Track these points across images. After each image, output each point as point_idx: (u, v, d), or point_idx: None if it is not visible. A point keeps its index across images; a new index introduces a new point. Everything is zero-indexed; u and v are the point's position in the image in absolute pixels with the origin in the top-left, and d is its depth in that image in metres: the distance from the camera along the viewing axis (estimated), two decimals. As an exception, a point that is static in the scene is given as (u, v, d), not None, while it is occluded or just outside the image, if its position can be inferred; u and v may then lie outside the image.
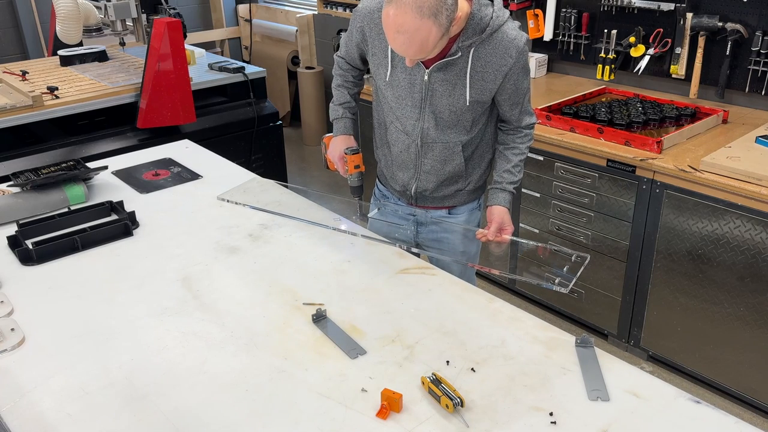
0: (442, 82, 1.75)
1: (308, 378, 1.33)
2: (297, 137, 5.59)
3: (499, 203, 1.91)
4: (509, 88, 1.79)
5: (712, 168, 2.30)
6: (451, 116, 1.81)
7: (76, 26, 3.36)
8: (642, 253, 2.61)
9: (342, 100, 2.03)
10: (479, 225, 2.08)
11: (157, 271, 1.72)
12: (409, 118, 1.85)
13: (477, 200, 2.06)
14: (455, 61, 1.72)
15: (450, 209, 2.03)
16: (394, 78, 1.81)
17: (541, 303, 3.08)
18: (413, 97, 1.81)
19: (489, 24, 1.68)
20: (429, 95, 1.79)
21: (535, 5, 3.40)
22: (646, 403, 1.25)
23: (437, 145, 1.87)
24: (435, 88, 1.77)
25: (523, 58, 1.75)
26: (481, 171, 1.99)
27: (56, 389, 1.31)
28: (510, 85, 1.78)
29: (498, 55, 1.72)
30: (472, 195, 2.03)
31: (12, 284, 1.67)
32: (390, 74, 1.81)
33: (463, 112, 1.80)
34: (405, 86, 1.80)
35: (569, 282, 1.55)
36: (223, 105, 3.60)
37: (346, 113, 2.02)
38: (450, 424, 1.20)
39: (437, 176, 1.93)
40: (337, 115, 2.02)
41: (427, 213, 2.03)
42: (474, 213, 2.06)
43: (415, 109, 1.82)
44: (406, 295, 1.60)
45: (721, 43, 2.79)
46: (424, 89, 1.78)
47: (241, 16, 5.99)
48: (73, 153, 3.05)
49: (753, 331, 2.37)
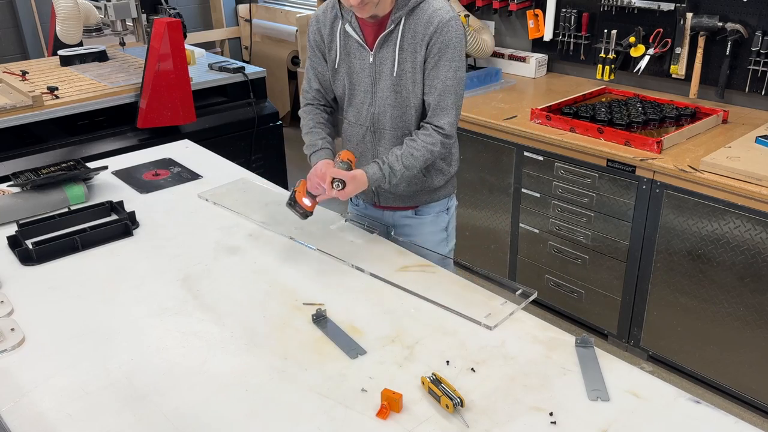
0: (384, 61, 1.79)
1: (308, 378, 1.33)
2: (297, 137, 5.54)
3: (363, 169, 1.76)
4: (429, 65, 1.75)
5: (712, 168, 2.30)
6: (395, 100, 1.82)
7: (76, 26, 3.36)
8: (642, 253, 2.61)
9: (318, 137, 1.89)
10: (447, 228, 2.06)
11: (157, 271, 1.72)
12: (363, 105, 1.87)
13: (445, 200, 2.01)
14: (390, 36, 1.77)
15: (414, 209, 2.00)
16: (348, 64, 1.85)
17: (541, 303, 3.08)
18: (364, 82, 1.84)
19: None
20: (376, 78, 1.82)
21: (535, 5, 3.40)
22: (646, 403, 1.25)
23: (387, 132, 1.86)
24: (380, 69, 1.81)
25: (446, 33, 1.72)
26: (440, 169, 1.92)
27: (56, 389, 1.31)
28: (431, 62, 1.75)
29: (422, 25, 1.73)
30: (434, 195, 1.97)
31: (12, 284, 1.68)
32: (342, 61, 1.85)
33: (405, 95, 1.79)
34: (357, 70, 1.84)
35: (496, 320, 1.49)
36: (223, 105, 3.60)
37: (326, 144, 1.88)
38: (450, 424, 1.20)
39: None
40: (316, 147, 1.87)
41: (394, 214, 2.01)
42: (440, 216, 2.02)
43: (367, 95, 1.85)
44: (407, 294, 1.60)
45: (721, 43, 2.79)
46: (372, 72, 1.82)
47: (241, 16, 5.99)
48: (73, 153, 3.05)
49: (753, 331, 2.37)
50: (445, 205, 2.03)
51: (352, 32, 1.80)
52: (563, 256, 2.89)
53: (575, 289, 2.90)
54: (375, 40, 1.79)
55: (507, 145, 2.91)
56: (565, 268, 2.91)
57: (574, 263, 2.86)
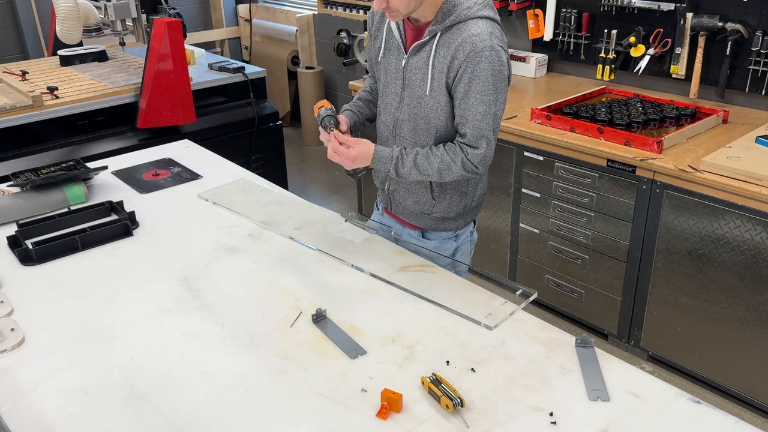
0: (415, 70, 1.74)
1: (308, 378, 1.33)
2: (297, 137, 5.59)
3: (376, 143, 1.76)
4: (459, 95, 1.66)
5: (712, 168, 2.30)
6: (420, 112, 1.76)
7: (76, 26, 3.36)
8: (642, 253, 2.61)
9: (351, 102, 1.99)
10: (454, 256, 1.95)
11: (157, 271, 1.72)
12: (390, 106, 1.84)
13: (452, 231, 1.92)
14: (424, 47, 1.70)
15: (422, 231, 1.94)
16: (386, 60, 1.83)
17: (541, 303, 3.08)
18: (395, 84, 1.81)
19: (456, 12, 1.63)
20: (406, 83, 1.78)
21: (535, 5, 3.40)
22: (646, 403, 1.25)
23: (407, 141, 1.81)
24: (410, 76, 1.75)
25: (477, 63, 1.61)
26: (450, 199, 1.85)
27: (56, 389, 1.31)
28: (461, 91, 1.66)
29: (453, 48, 1.64)
30: (442, 224, 1.90)
31: (12, 284, 1.67)
32: (383, 56, 1.83)
33: (430, 109, 1.73)
34: (392, 69, 1.81)
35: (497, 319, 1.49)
36: (223, 105, 3.60)
37: (351, 107, 1.96)
38: (450, 424, 1.20)
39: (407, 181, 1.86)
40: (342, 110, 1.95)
41: (403, 229, 1.97)
42: (447, 242, 1.93)
43: (395, 97, 1.82)
44: (406, 294, 1.60)
45: (721, 43, 2.79)
46: (403, 76, 1.78)
47: (241, 16, 5.99)
48: (73, 153, 3.05)
49: (753, 331, 2.37)
50: (453, 234, 1.93)
51: (395, 30, 1.77)
52: (563, 256, 2.89)
53: (575, 289, 2.90)
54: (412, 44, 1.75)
55: (507, 145, 2.91)
56: (565, 268, 2.91)
57: (574, 263, 2.86)
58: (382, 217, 2.05)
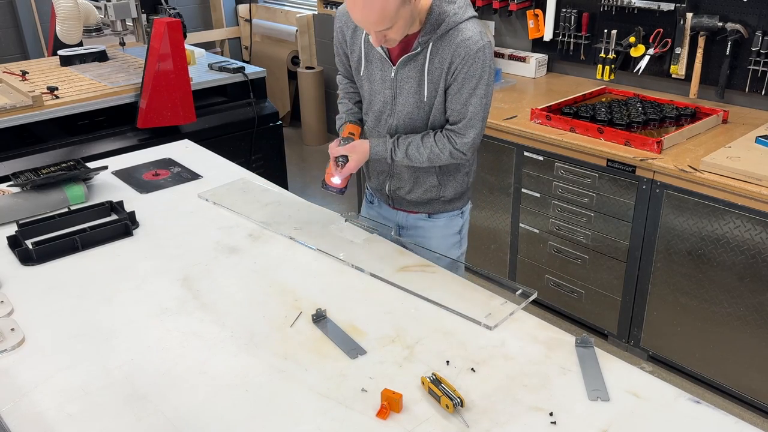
0: (407, 79, 1.79)
1: (308, 378, 1.33)
2: (297, 137, 5.59)
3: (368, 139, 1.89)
4: (453, 90, 1.76)
5: (712, 168, 2.30)
6: (416, 115, 1.83)
7: (76, 26, 3.36)
8: (642, 253, 2.61)
9: (344, 109, 2.03)
10: (461, 231, 2.07)
11: (157, 271, 1.72)
12: (382, 114, 1.88)
13: (458, 210, 2.03)
14: (416, 58, 1.75)
15: (429, 214, 2.02)
16: (369, 72, 1.85)
17: (541, 303, 3.08)
18: (384, 93, 1.84)
19: (445, 21, 1.70)
20: (397, 92, 1.82)
21: (535, 5, 3.40)
22: (646, 403, 1.25)
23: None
24: (401, 85, 1.80)
25: (471, 64, 1.71)
26: (457, 182, 1.96)
27: (56, 389, 1.31)
28: (454, 87, 1.75)
29: (449, 53, 1.71)
30: (449, 205, 2.00)
31: (12, 284, 1.67)
32: (364, 68, 1.85)
33: (426, 111, 1.82)
34: (378, 80, 1.84)
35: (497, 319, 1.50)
36: (223, 105, 3.60)
37: (350, 116, 2.01)
38: (450, 424, 1.20)
39: (409, 177, 1.93)
40: (341, 120, 2.02)
41: (408, 216, 2.03)
42: (454, 219, 2.03)
43: (386, 105, 1.86)
44: (406, 294, 1.60)
45: (721, 43, 2.79)
46: (393, 86, 1.81)
47: (241, 16, 5.99)
48: (73, 153, 3.05)
49: (753, 331, 2.37)
50: (459, 212, 2.04)
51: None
52: (563, 256, 2.89)
53: (575, 289, 2.90)
54: (399, 56, 1.77)
55: (507, 145, 2.91)
56: (565, 268, 2.91)
57: (574, 263, 2.86)
58: (381, 210, 2.06)
